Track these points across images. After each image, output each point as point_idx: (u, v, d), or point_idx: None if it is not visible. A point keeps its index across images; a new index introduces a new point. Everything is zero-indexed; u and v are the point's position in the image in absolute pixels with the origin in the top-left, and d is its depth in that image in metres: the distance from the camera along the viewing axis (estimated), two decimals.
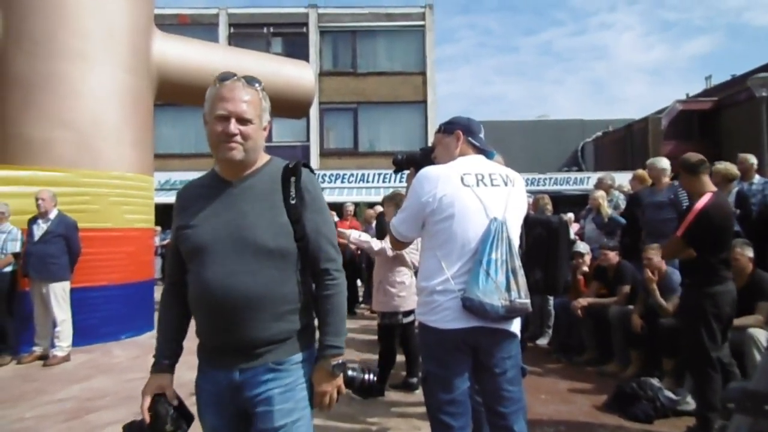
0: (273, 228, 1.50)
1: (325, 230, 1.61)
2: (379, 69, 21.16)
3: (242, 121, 1.52)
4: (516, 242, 2.20)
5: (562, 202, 15.36)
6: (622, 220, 6.24)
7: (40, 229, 5.73)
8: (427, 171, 2.23)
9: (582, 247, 6.17)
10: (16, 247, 5.82)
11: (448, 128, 2.40)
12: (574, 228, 7.71)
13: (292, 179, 1.57)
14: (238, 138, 1.51)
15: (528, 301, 2.12)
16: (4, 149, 6.36)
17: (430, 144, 2.95)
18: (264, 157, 1.64)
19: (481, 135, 2.39)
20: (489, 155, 2.38)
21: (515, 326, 2.20)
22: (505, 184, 2.23)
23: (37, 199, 5.69)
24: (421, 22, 21.21)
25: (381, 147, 20.43)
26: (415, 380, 4.52)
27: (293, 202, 1.54)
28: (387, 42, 21.34)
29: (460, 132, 2.34)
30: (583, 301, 5.43)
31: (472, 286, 2.05)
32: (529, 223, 2.76)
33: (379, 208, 8.14)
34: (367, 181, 19.38)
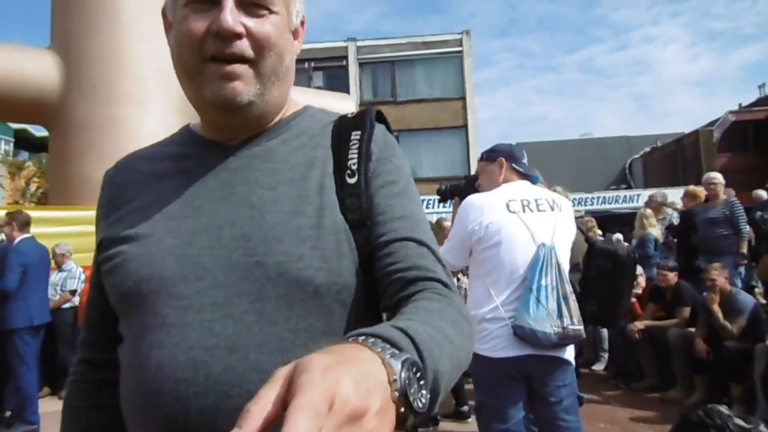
0: (317, 238, 0.72)
1: (423, 229, 0.79)
2: (418, 96, 21.38)
3: (251, 5, 0.74)
4: (566, 267, 2.17)
5: (612, 221, 14.95)
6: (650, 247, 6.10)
7: None
8: (472, 199, 2.24)
9: (637, 268, 5.98)
10: (74, 284, 6.09)
11: (491, 156, 2.41)
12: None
13: (355, 138, 0.80)
14: (244, 45, 0.73)
15: (581, 327, 2.07)
16: (67, 191, 6.75)
17: (472, 169, 2.98)
18: (292, 104, 0.87)
19: (525, 161, 2.39)
20: (533, 180, 2.38)
21: (569, 353, 2.16)
22: (552, 209, 2.21)
23: None
24: (459, 48, 21.39)
25: (423, 173, 20.49)
26: (465, 408, 4.45)
27: (354, 180, 0.77)
28: (425, 69, 21.59)
29: (503, 159, 2.35)
30: (640, 324, 5.23)
31: (522, 313, 2.02)
32: (594, 251, 2.71)
33: None
34: None
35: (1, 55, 6.82)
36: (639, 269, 5.94)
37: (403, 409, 0.45)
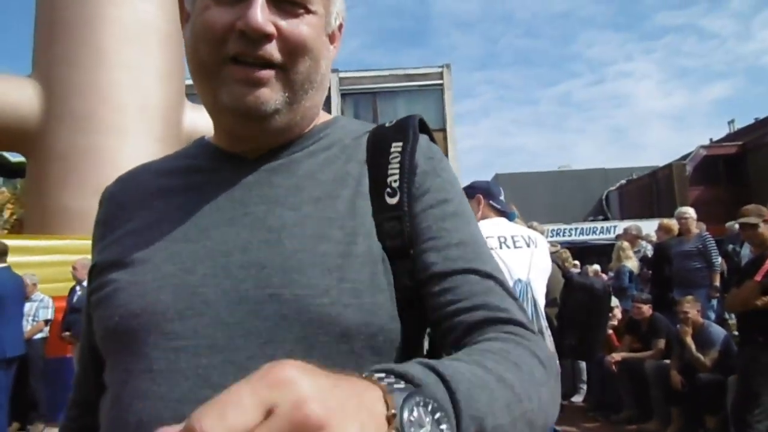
0: (347, 268, 0.60)
1: (487, 259, 0.66)
2: None
3: (285, 2, 0.63)
4: (542, 302, 2.22)
5: (589, 252, 15.15)
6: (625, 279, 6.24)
7: (77, 295, 5.91)
8: None
9: (612, 301, 6.07)
10: (48, 314, 5.97)
11: (469, 192, 2.46)
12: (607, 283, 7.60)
13: (395, 150, 0.68)
14: (274, 49, 0.62)
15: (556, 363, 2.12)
16: (44, 220, 6.66)
17: None
18: (322, 114, 0.76)
19: (502, 197, 2.47)
20: (510, 217, 2.45)
21: None
22: (528, 246, 2.27)
23: (73, 268, 5.89)
24: (440, 81, 21.81)
25: None
26: None
27: (395, 200, 0.65)
28: (407, 101, 21.92)
29: (481, 196, 2.41)
30: (617, 356, 5.29)
31: None
32: (571, 286, 2.78)
33: None
34: None
35: None
36: (615, 301, 6.04)
37: None
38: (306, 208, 0.64)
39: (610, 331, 5.86)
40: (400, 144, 0.69)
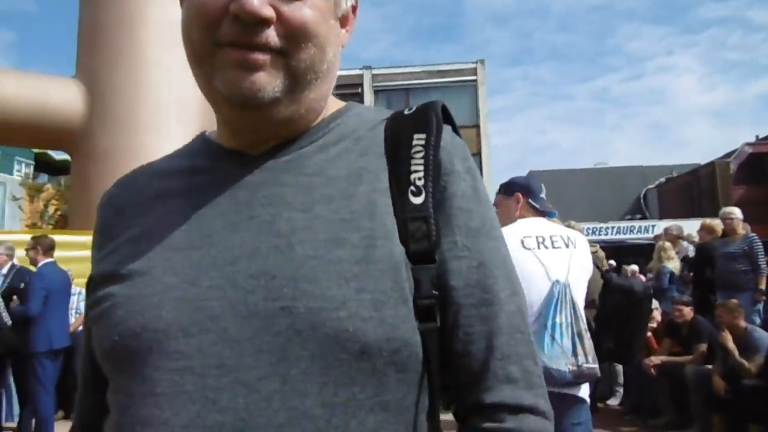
0: (365, 277, 0.54)
1: (504, 286, 0.61)
2: None
3: None
4: (581, 305, 2.17)
5: (626, 252, 14.81)
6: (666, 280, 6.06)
7: None
8: None
9: (652, 302, 5.92)
10: None
11: (508, 190, 2.42)
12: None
13: (418, 143, 0.62)
14: (272, 35, 0.57)
15: (596, 366, 2.07)
16: (88, 216, 6.88)
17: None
18: (333, 102, 0.69)
19: (542, 195, 2.40)
20: (550, 215, 2.40)
21: (583, 391, 2.14)
22: (567, 246, 2.22)
23: None
24: (473, 77, 21.63)
25: None
26: None
27: (419, 200, 0.59)
28: (440, 97, 20.78)
29: (520, 195, 2.36)
30: (656, 360, 5.16)
31: (537, 350, 2.03)
32: (610, 288, 2.72)
33: None
34: None
35: (28, 83, 7.06)
36: (654, 303, 5.88)
37: None
38: (318, 209, 0.58)
39: (649, 334, 5.71)
40: (424, 136, 0.61)
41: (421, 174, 0.60)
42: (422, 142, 0.61)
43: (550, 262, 2.15)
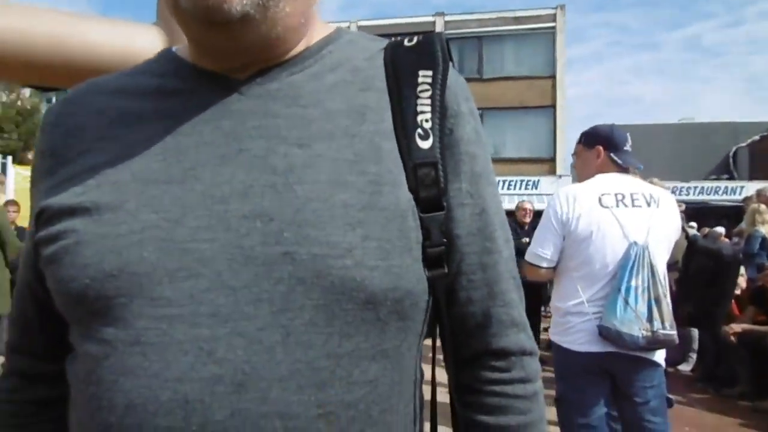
0: (372, 223, 0.51)
1: (501, 233, 0.61)
2: (505, 74, 20.77)
3: None
4: (661, 268, 2.07)
5: (708, 213, 13.97)
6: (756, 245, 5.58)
7: None
8: (563, 191, 2.19)
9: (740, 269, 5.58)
10: None
11: (589, 141, 2.29)
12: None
13: (424, 80, 0.57)
14: None
15: (673, 332, 1.99)
16: None
17: (558, 150, 2.91)
18: (319, 25, 0.62)
19: (627, 147, 2.24)
20: (637, 168, 2.27)
21: (658, 355, 2.08)
22: (648, 205, 2.10)
23: None
24: (552, 24, 20.48)
25: (507, 153, 20.01)
26: None
27: (427, 144, 0.56)
28: (514, 46, 20.90)
29: (601, 149, 2.23)
30: (737, 327, 4.89)
31: (609, 314, 1.96)
32: (695, 250, 2.59)
33: None
34: None
35: (110, 29, 7.32)
36: (741, 269, 5.54)
37: None
38: (317, 146, 0.52)
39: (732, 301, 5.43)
40: (430, 74, 0.57)
41: (429, 116, 0.56)
42: (429, 80, 0.57)
43: (629, 222, 2.05)
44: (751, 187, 9.94)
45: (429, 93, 0.56)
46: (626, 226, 2.05)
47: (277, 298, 0.48)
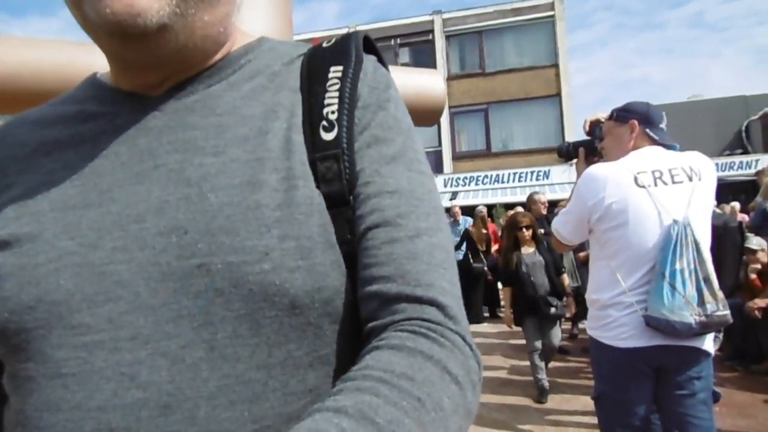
0: (288, 222, 0.49)
1: (418, 217, 0.52)
2: (507, 66, 20.69)
3: None
4: (706, 244, 1.91)
5: (726, 189, 13.77)
6: None
7: None
8: (595, 171, 1.99)
9: (755, 242, 5.49)
10: None
11: (622, 116, 2.09)
12: (741, 219, 6.89)
13: (334, 75, 0.56)
14: None
15: (727, 312, 1.82)
16: None
17: (567, 138, 2.80)
18: (241, 36, 0.62)
19: (663, 125, 2.08)
20: (672, 149, 2.07)
21: (708, 343, 1.91)
22: (690, 179, 1.92)
23: None
24: (550, 13, 20.36)
25: (515, 146, 19.92)
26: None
27: (331, 136, 0.53)
28: (515, 38, 20.80)
29: (636, 122, 2.04)
30: (761, 302, 4.83)
31: (655, 302, 1.80)
32: None
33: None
34: (503, 182, 18.99)
35: None
36: (761, 242, 5.45)
37: None
38: (231, 151, 0.51)
39: (754, 276, 5.34)
40: (340, 69, 0.55)
41: (335, 107, 0.53)
42: (338, 75, 0.55)
43: (668, 201, 1.87)
44: (765, 160, 9.78)
45: (338, 86, 0.54)
46: (666, 205, 1.87)
47: (197, 313, 0.46)
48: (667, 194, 1.89)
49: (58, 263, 0.48)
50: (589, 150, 2.27)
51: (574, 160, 2.44)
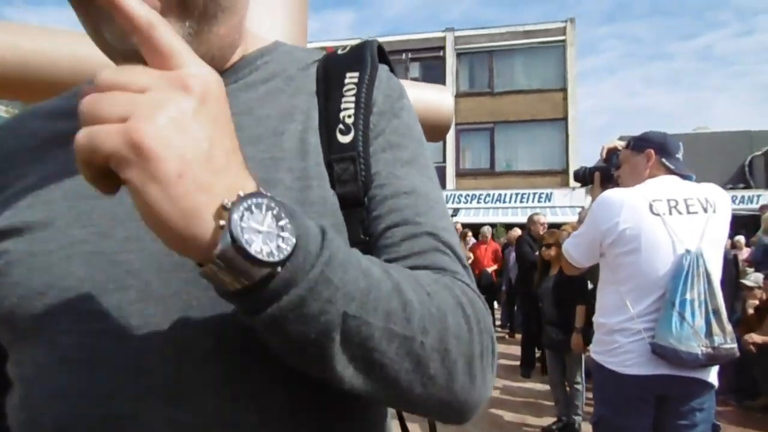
0: None
1: (435, 216, 0.55)
2: (516, 87, 20.81)
3: None
4: (717, 276, 1.92)
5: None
6: None
7: None
8: (610, 195, 2.00)
9: (752, 278, 5.51)
10: None
11: (639, 145, 2.12)
12: (744, 254, 6.90)
13: (350, 81, 0.58)
14: None
15: (734, 345, 1.84)
16: None
17: (571, 162, 2.82)
18: (255, 40, 0.64)
19: (679, 155, 2.10)
20: (687, 180, 2.09)
21: (712, 375, 1.92)
22: (705, 210, 1.93)
23: None
24: (562, 37, 20.52)
25: (518, 167, 19.96)
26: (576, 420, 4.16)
27: (348, 139, 0.55)
28: (525, 60, 20.94)
29: (652, 151, 2.06)
30: (757, 338, 4.82)
31: (663, 331, 1.81)
32: None
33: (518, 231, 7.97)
34: (504, 202, 19.01)
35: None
36: (758, 278, 5.46)
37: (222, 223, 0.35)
38: (246, 150, 0.49)
39: (751, 311, 5.34)
40: (356, 75, 0.57)
41: (351, 112, 0.55)
42: (355, 80, 0.57)
43: (682, 230, 1.87)
44: None
45: (354, 91, 0.56)
46: (679, 234, 1.87)
47: (207, 304, 0.46)
48: (682, 224, 1.90)
49: (69, 251, 0.48)
50: (605, 176, 2.29)
51: (590, 185, 2.45)
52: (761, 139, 25.24)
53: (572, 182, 18.76)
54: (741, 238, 7.30)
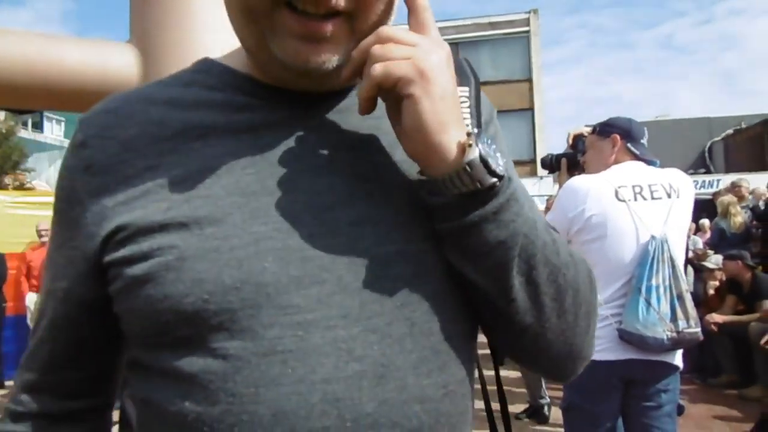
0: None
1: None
2: (483, 79, 20.52)
3: None
4: (681, 261, 1.94)
5: None
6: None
7: None
8: (576, 183, 2.02)
9: (713, 260, 5.70)
10: None
11: (604, 130, 2.12)
12: (705, 237, 7.12)
13: (462, 95, 0.62)
14: None
15: (698, 329, 1.87)
16: None
17: (539, 151, 2.87)
18: None
19: (644, 141, 2.11)
20: (651, 165, 2.11)
21: (678, 357, 1.95)
22: (669, 196, 1.95)
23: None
24: (526, 28, 20.78)
25: None
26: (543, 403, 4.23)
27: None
28: (491, 51, 21.13)
29: (618, 136, 2.06)
30: (718, 317, 4.99)
31: (630, 317, 1.83)
32: None
33: None
34: None
35: (86, 48, 7.25)
36: (718, 260, 5.64)
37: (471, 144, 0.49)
38: (395, 152, 0.57)
39: (712, 292, 5.52)
40: (467, 89, 0.62)
41: (468, 122, 0.60)
42: (466, 94, 0.62)
43: (647, 216, 1.89)
44: (727, 180, 10.13)
45: (468, 104, 0.62)
46: (645, 220, 1.89)
47: (397, 293, 0.52)
48: (646, 209, 1.91)
49: (256, 247, 0.50)
50: (572, 162, 2.30)
51: (557, 172, 2.48)
52: (720, 125, 26.02)
53: (540, 171, 19.05)
54: (706, 222, 7.52)
